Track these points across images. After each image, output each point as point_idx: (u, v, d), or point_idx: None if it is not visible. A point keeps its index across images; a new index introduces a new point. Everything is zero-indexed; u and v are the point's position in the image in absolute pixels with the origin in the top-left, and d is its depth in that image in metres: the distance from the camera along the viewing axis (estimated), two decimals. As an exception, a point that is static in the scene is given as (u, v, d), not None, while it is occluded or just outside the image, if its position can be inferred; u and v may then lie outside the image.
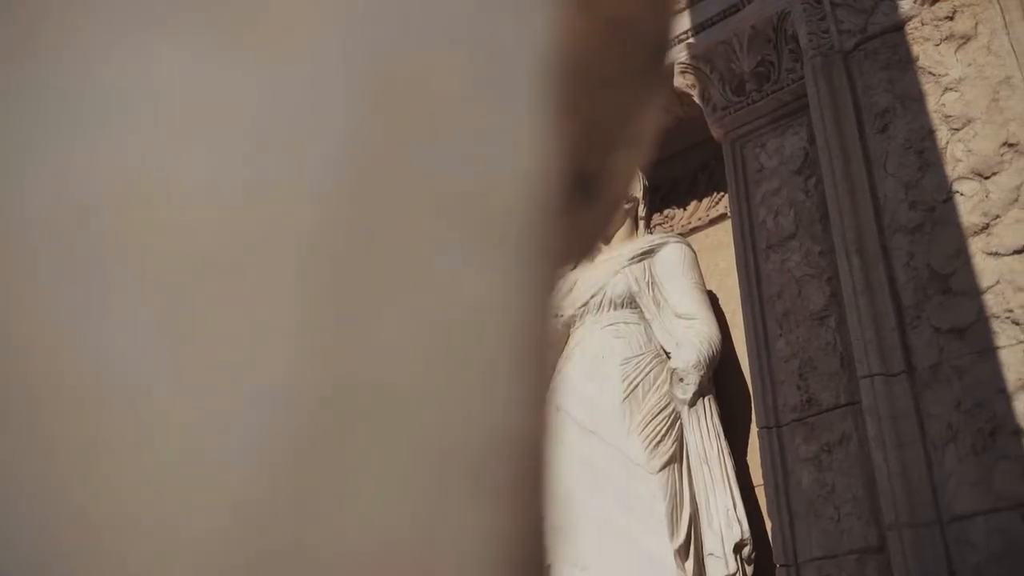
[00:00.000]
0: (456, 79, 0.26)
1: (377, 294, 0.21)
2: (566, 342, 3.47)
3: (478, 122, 0.25)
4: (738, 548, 2.88)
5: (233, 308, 0.21)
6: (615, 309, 3.34)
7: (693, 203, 3.89)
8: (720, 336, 3.23)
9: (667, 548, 2.90)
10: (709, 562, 2.91)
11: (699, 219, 3.82)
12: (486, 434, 0.22)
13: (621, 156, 0.72)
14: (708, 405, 3.12)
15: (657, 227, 3.93)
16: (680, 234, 3.81)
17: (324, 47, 0.24)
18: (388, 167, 0.23)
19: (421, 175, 0.24)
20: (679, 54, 3.40)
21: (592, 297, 3.39)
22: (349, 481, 0.20)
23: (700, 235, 3.80)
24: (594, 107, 0.66)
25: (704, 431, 3.07)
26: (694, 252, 3.49)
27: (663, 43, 0.67)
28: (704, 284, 3.43)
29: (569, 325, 3.47)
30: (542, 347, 0.26)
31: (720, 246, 3.62)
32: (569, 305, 3.47)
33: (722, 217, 3.66)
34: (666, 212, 3.96)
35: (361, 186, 0.23)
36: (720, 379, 3.32)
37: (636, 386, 3.16)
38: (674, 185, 3.96)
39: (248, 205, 0.21)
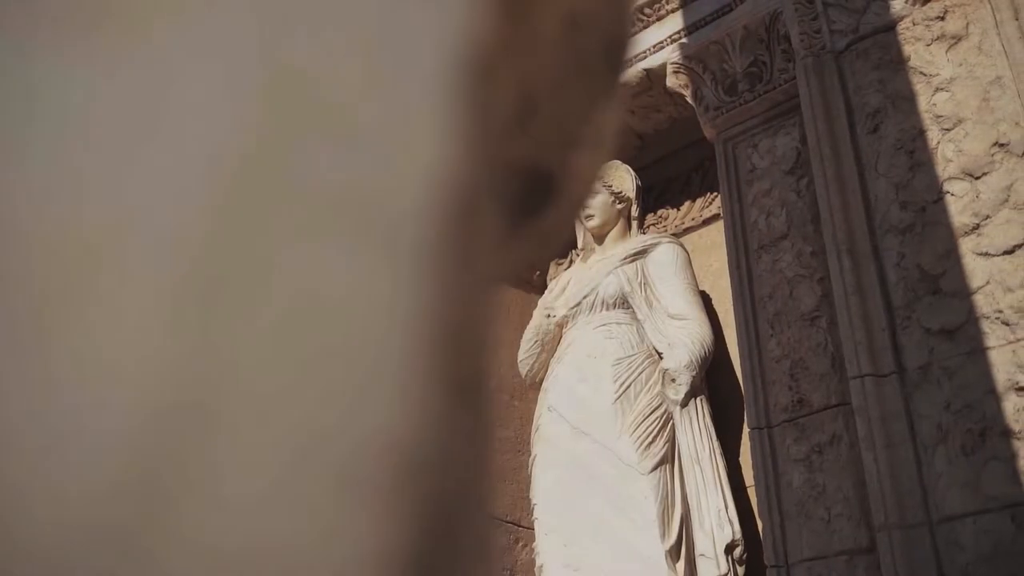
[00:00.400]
0: (351, 77, 0.25)
1: (241, 293, 0.21)
2: (558, 343, 3.47)
3: (372, 120, 0.25)
4: (729, 549, 2.88)
5: (92, 309, 0.20)
6: (607, 309, 3.34)
7: (687, 203, 3.88)
8: (713, 337, 3.23)
9: (658, 549, 2.89)
10: (700, 563, 2.90)
11: (692, 219, 3.81)
12: (358, 436, 0.21)
13: (582, 156, 0.72)
14: (700, 406, 3.12)
15: (651, 227, 3.92)
16: (674, 234, 3.81)
17: (204, 39, 0.23)
18: (267, 163, 0.23)
19: (304, 171, 0.23)
20: (672, 54, 3.40)
21: (584, 298, 3.39)
22: (209, 485, 0.20)
23: (694, 235, 3.80)
24: (551, 106, 0.65)
25: (696, 432, 3.07)
26: (687, 252, 3.49)
27: (620, 42, 0.66)
28: (697, 284, 3.42)
29: (562, 325, 3.46)
30: (451, 347, 0.26)
31: (713, 246, 3.62)
32: (562, 305, 3.47)
33: (716, 217, 3.65)
34: (660, 212, 3.95)
35: (234, 183, 0.22)
36: (713, 380, 3.31)
37: (628, 387, 3.16)
38: (668, 185, 3.96)
39: (108, 202, 0.21)
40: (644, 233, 3.64)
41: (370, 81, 0.25)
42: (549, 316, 3.47)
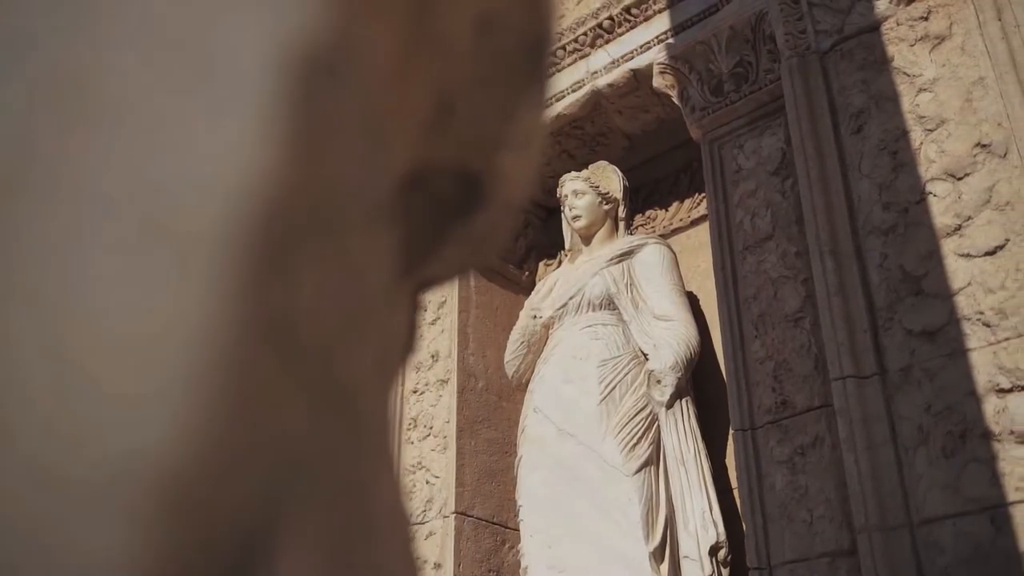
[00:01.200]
0: (144, 79, 0.24)
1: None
2: (545, 344, 3.46)
3: (168, 124, 0.24)
4: (714, 551, 2.87)
5: None
6: (593, 311, 3.33)
7: (675, 204, 3.88)
8: (699, 338, 3.22)
9: (642, 551, 2.88)
10: (685, 565, 2.89)
11: (681, 220, 3.81)
12: (122, 456, 0.21)
13: (510, 158, 0.71)
14: (685, 407, 3.11)
15: (639, 228, 3.92)
16: (662, 235, 3.80)
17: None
18: (44, 166, 0.22)
19: (85, 175, 0.23)
20: (659, 54, 3.39)
21: (571, 299, 3.38)
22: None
23: (682, 236, 3.79)
24: (469, 107, 0.64)
25: (681, 433, 3.06)
26: (674, 253, 3.48)
27: (540, 41, 0.65)
28: (683, 285, 3.42)
29: (548, 326, 3.46)
30: (297, 355, 0.25)
31: (701, 247, 3.61)
32: (548, 306, 3.46)
33: (704, 218, 3.64)
34: (648, 213, 3.95)
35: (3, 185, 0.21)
36: (699, 381, 3.30)
37: (613, 388, 3.15)
38: (656, 186, 3.96)
39: None
40: (632, 234, 3.63)
41: (165, 81, 0.24)
42: (535, 317, 3.47)
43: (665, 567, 2.90)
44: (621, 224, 3.58)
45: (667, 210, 3.88)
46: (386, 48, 0.56)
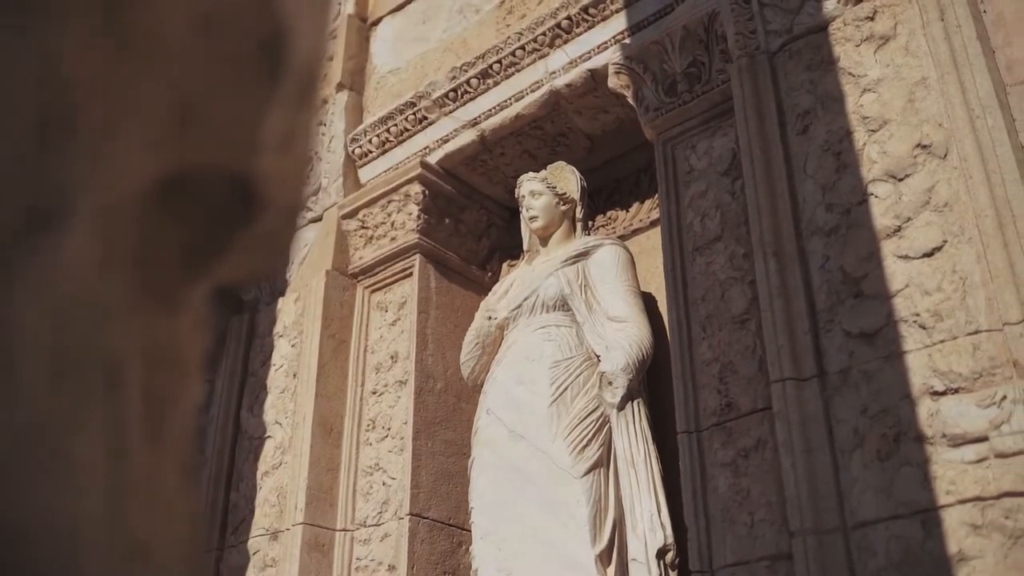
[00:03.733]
0: None
1: None
2: (500, 345, 3.45)
3: None
4: (661, 553, 2.85)
5: None
6: (547, 312, 3.31)
7: (635, 205, 3.86)
8: (652, 339, 3.20)
9: (589, 553, 2.87)
10: (632, 567, 2.87)
11: (640, 221, 3.79)
12: None
13: (271, 160, 0.69)
14: (637, 409, 3.09)
15: (600, 229, 3.90)
16: (622, 236, 3.78)
17: None
18: None
19: None
20: (614, 55, 3.38)
21: (525, 300, 3.37)
22: None
23: (642, 237, 3.78)
24: (212, 110, 0.62)
25: (632, 435, 3.04)
26: (630, 254, 3.46)
27: (275, 42, 0.63)
28: (638, 287, 3.40)
29: (503, 328, 3.44)
30: None
31: (661, 248, 3.58)
32: (503, 308, 3.44)
33: (664, 219, 3.62)
34: (609, 214, 3.93)
35: None
36: (653, 383, 3.28)
37: (565, 389, 3.14)
38: (617, 186, 3.94)
39: None
40: (589, 235, 3.61)
41: None
42: (490, 318, 3.45)
43: (612, 570, 2.89)
44: (579, 225, 3.56)
45: (628, 211, 3.86)
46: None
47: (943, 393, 2.20)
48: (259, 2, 0.57)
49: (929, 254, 2.35)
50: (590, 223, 3.86)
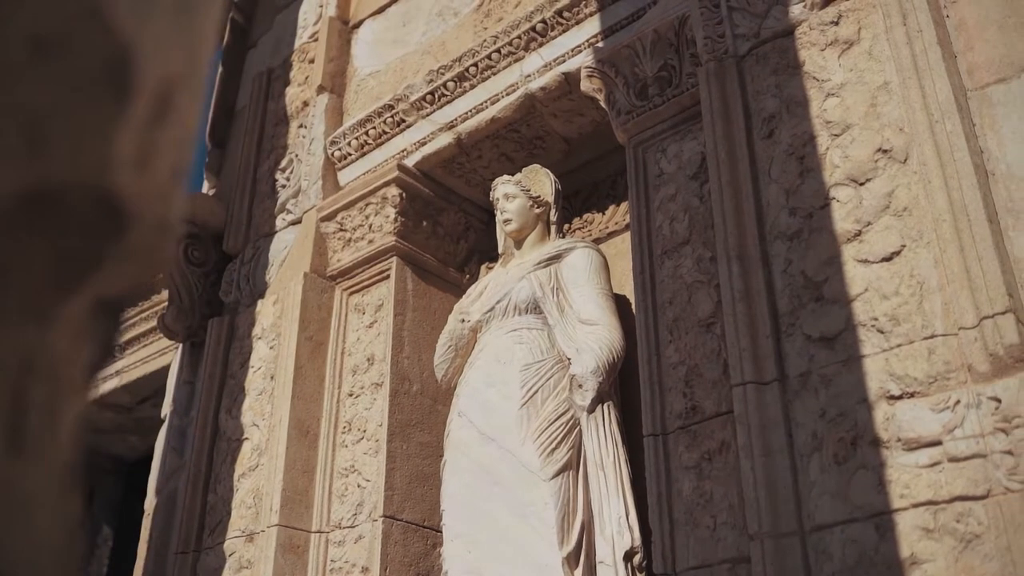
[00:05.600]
0: None
1: None
2: (473, 347, 3.46)
3: None
4: (628, 556, 2.86)
5: None
6: (519, 315, 3.32)
7: (611, 208, 3.87)
8: (623, 342, 3.21)
9: (556, 556, 2.88)
10: (600, 570, 2.88)
11: (616, 224, 3.80)
12: None
13: (131, 176, 0.70)
14: (607, 412, 3.10)
15: (577, 231, 3.91)
16: (597, 239, 3.80)
17: None
18: None
19: None
20: (587, 58, 3.39)
21: (498, 303, 3.38)
22: None
23: (617, 239, 3.79)
24: (61, 130, 0.64)
25: (602, 438, 3.05)
26: (603, 257, 3.47)
27: (119, 61, 0.65)
28: (611, 289, 3.41)
29: (476, 330, 3.45)
30: None
31: (635, 251, 3.59)
32: (477, 310, 3.45)
33: (639, 222, 3.63)
34: (585, 216, 3.94)
35: None
36: (625, 386, 3.29)
37: (535, 392, 3.15)
38: (594, 189, 3.95)
39: None
40: (564, 237, 3.62)
41: None
42: (463, 321, 3.46)
43: (580, 572, 2.90)
44: (553, 228, 3.57)
45: (604, 213, 3.87)
46: None
47: (899, 397, 2.21)
48: (98, 26, 0.58)
49: (888, 258, 2.36)
50: (566, 226, 3.87)
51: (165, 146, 0.70)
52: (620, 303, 3.45)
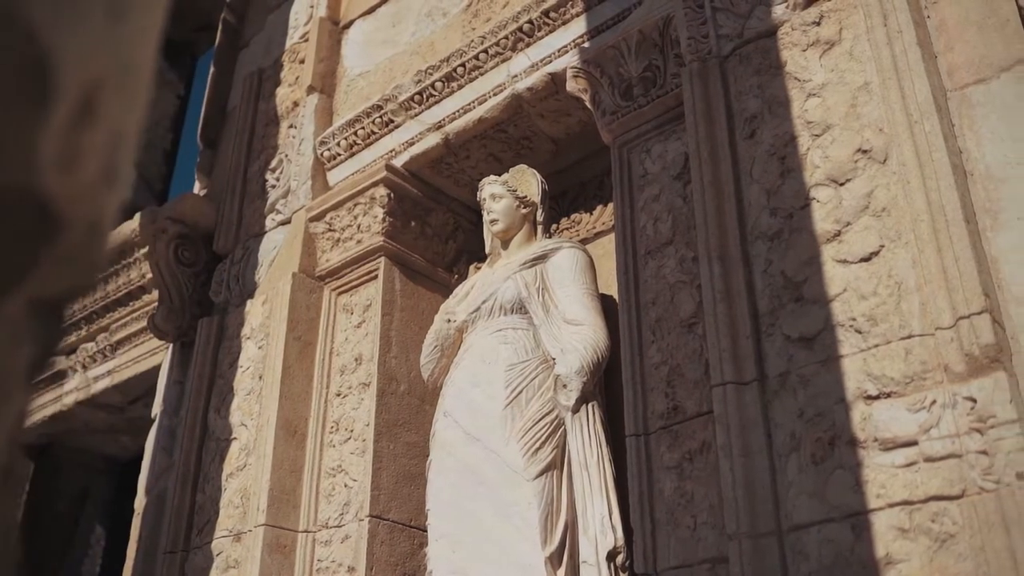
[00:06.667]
0: None
1: None
2: (459, 347, 3.46)
3: None
4: (611, 556, 2.86)
5: None
6: (505, 315, 3.32)
7: (599, 207, 3.87)
8: (608, 342, 3.21)
9: (539, 555, 2.88)
10: (583, 569, 2.88)
11: (603, 224, 3.80)
12: None
13: (58, 178, 0.71)
14: (591, 411, 3.10)
15: (565, 231, 3.91)
16: (585, 239, 3.80)
17: None
18: None
19: None
20: (573, 58, 3.39)
21: (484, 303, 3.38)
22: None
23: (604, 239, 3.78)
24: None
25: (586, 438, 3.05)
26: (589, 257, 3.47)
27: (38, 65, 0.65)
28: (597, 289, 3.41)
29: (462, 330, 3.45)
30: None
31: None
32: (463, 311, 3.46)
33: (627, 222, 3.63)
34: (574, 216, 3.94)
35: None
36: (610, 386, 3.29)
37: (520, 392, 3.15)
38: (583, 189, 3.95)
39: None
40: (551, 237, 3.63)
41: None
42: (449, 321, 3.46)
43: (563, 571, 2.90)
44: (539, 228, 3.57)
45: (591, 213, 3.88)
46: None
47: (876, 397, 2.21)
48: (16, 33, 0.59)
49: (867, 259, 2.36)
50: (554, 226, 3.87)
51: (92, 148, 0.71)
52: (606, 303, 3.45)
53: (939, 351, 2.15)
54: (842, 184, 2.48)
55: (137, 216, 4.61)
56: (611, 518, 2.91)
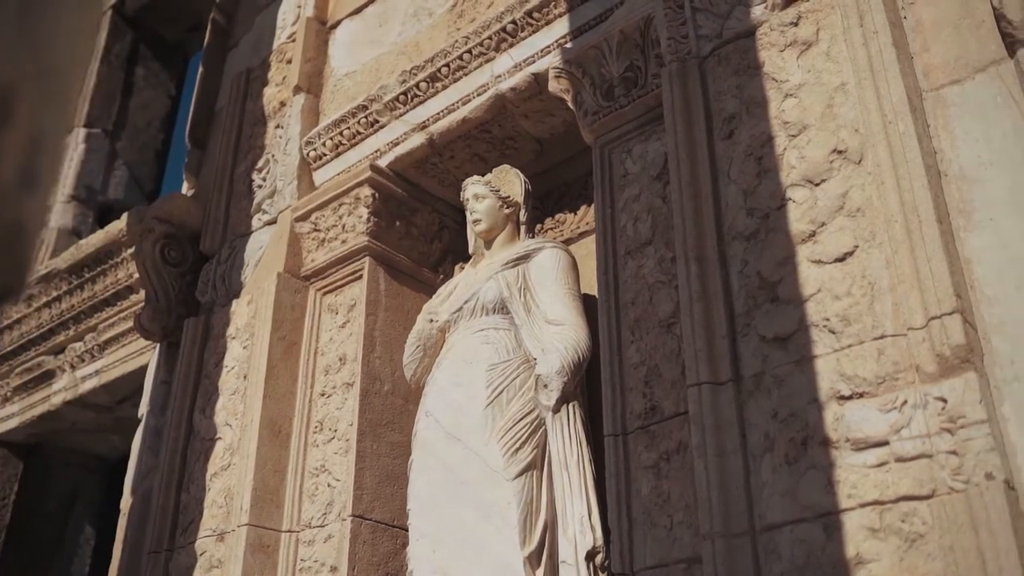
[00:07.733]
0: None
1: None
2: (441, 347, 3.46)
3: None
4: (590, 556, 2.86)
5: None
6: (487, 315, 3.33)
7: (583, 208, 3.88)
8: (589, 342, 3.21)
9: (518, 555, 2.88)
10: (562, 569, 2.89)
11: (587, 224, 3.80)
12: None
13: None
14: (572, 411, 3.10)
15: (549, 231, 3.92)
16: (568, 239, 3.80)
17: None
18: None
19: None
20: (555, 59, 3.39)
21: (466, 303, 3.38)
22: None
23: (588, 240, 3.78)
24: None
25: (566, 438, 3.05)
26: (571, 257, 3.47)
27: None
28: (579, 290, 3.41)
29: (445, 330, 3.46)
30: None
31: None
32: (445, 311, 3.46)
33: (611, 222, 3.62)
34: (558, 216, 3.95)
35: None
36: (592, 386, 3.29)
37: (500, 392, 3.15)
38: (567, 189, 3.96)
39: None
40: (534, 237, 3.63)
41: None
42: (432, 321, 3.47)
43: (542, 571, 2.90)
44: (522, 228, 3.58)
45: (576, 213, 3.88)
46: None
47: (849, 397, 2.21)
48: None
49: (841, 259, 2.36)
50: (539, 226, 3.88)
51: (7, 149, 0.71)
52: (589, 303, 3.45)
53: (911, 351, 2.15)
54: (818, 184, 2.48)
55: (124, 216, 4.61)
56: (590, 518, 2.91)
